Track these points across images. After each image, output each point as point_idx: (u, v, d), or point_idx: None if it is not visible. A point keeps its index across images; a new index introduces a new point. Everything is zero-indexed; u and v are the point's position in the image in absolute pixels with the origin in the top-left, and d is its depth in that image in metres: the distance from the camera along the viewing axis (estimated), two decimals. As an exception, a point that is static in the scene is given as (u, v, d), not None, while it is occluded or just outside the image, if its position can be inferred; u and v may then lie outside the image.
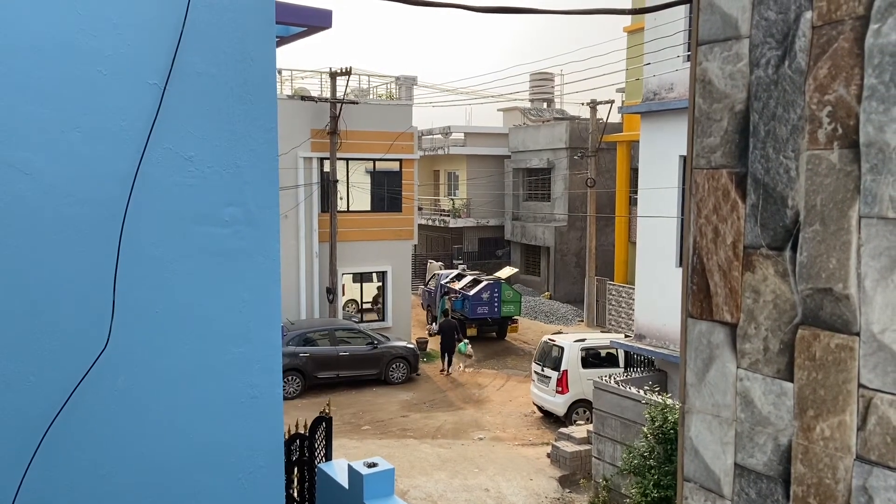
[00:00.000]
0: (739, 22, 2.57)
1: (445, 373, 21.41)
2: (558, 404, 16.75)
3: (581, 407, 16.50)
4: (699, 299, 2.74)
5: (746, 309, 2.58)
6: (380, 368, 20.01)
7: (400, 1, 4.57)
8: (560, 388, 16.60)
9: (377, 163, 23.76)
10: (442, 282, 26.35)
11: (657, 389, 12.13)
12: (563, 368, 16.57)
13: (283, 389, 3.68)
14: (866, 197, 2.23)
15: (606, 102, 25.87)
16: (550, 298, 31.49)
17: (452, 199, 36.99)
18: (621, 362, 16.48)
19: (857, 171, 2.24)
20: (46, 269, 3.26)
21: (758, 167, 2.53)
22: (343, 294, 23.73)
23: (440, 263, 31.97)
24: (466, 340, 23.13)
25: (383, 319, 24.08)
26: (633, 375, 14.16)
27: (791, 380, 2.45)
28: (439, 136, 37.57)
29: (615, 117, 26.20)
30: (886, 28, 2.16)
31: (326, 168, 22.71)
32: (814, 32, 2.35)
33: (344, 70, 22.07)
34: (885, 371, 2.19)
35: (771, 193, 2.49)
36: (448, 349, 21.43)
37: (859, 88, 2.23)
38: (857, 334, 2.26)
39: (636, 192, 16.70)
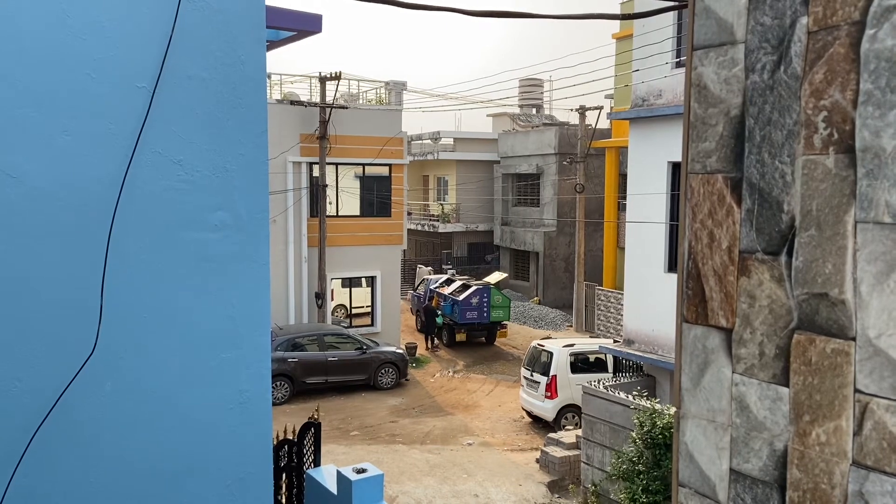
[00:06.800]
0: (735, 27, 2.57)
1: (431, 350, 24.43)
2: (547, 409, 16.74)
3: (570, 412, 16.50)
4: (694, 304, 2.73)
5: (742, 314, 2.57)
6: (369, 374, 19.93)
7: (391, 4, 4.56)
8: (549, 394, 16.60)
9: (366, 167, 23.72)
10: (431, 286, 26.31)
11: (646, 394, 12.14)
12: (552, 373, 16.57)
13: (272, 395, 3.64)
14: (862, 202, 2.22)
15: (595, 108, 25.93)
16: (539, 303, 31.52)
17: (442, 205, 36.98)
18: (610, 367, 16.49)
19: (853, 176, 2.24)
20: (33, 272, 3.22)
21: (753, 172, 2.52)
22: (332, 299, 23.65)
23: (430, 268, 31.92)
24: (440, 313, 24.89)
25: (372, 324, 24.01)
26: (621, 380, 14.16)
27: (787, 385, 2.44)
28: (429, 141, 37.58)
29: (604, 123, 26.31)
30: (882, 33, 2.16)
31: (316, 173, 22.65)
32: (809, 38, 2.35)
33: (333, 75, 22.05)
34: (882, 376, 2.19)
35: (766, 198, 2.48)
36: (430, 330, 24.75)
37: (855, 93, 2.23)
38: (853, 339, 2.26)
39: (625, 198, 16.75)
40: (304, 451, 6.54)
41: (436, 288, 25.99)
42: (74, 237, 3.28)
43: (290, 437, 6.57)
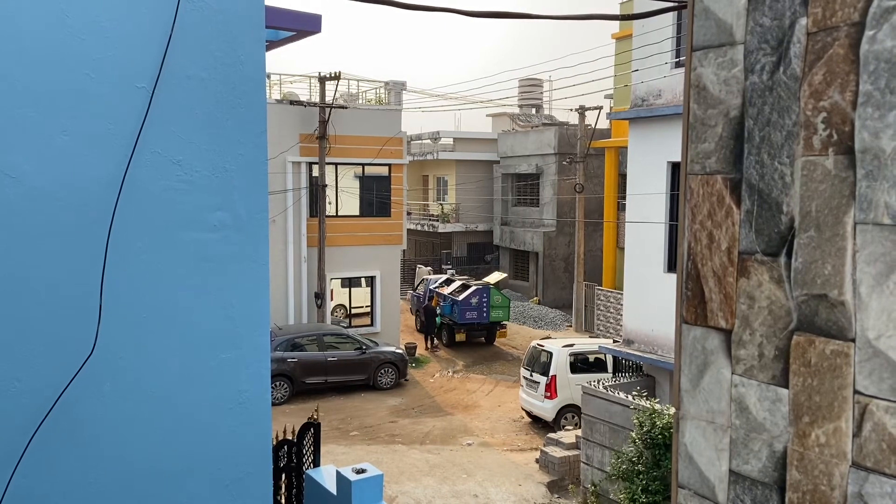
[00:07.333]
0: (734, 28, 2.57)
1: (431, 350, 24.52)
2: (547, 409, 16.74)
3: (570, 412, 16.50)
4: (694, 305, 2.73)
5: (741, 315, 2.57)
6: (368, 374, 19.93)
7: (390, 4, 4.56)
8: (549, 394, 16.60)
9: (366, 167, 23.71)
10: (431, 287, 26.32)
11: (645, 394, 12.14)
12: (551, 373, 16.57)
13: (271, 395, 3.66)
14: (861, 203, 2.22)
15: (595, 108, 25.92)
16: (539, 304, 31.52)
17: (441, 204, 36.98)
18: (609, 367, 16.49)
19: (853, 178, 2.24)
20: (33, 272, 3.22)
21: (752, 173, 2.52)
22: (331, 299, 23.65)
23: (429, 268, 31.92)
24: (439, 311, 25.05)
25: (372, 324, 24.01)
26: (621, 380, 14.16)
27: (786, 386, 2.44)
28: (428, 141, 37.58)
29: (603, 123, 26.30)
30: (882, 34, 2.16)
31: (315, 172, 22.64)
32: (809, 39, 2.35)
33: (333, 75, 22.04)
34: (881, 377, 2.19)
35: (766, 199, 2.48)
36: (430, 330, 24.90)
37: (854, 95, 2.23)
38: (853, 340, 2.26)
39: (624, 198, 16.75)
40: (304, 452, 6.54)
41: (435, 288, 25.99)
42: (74, 237, 3.28)
43: (290, 438, 6.57)
